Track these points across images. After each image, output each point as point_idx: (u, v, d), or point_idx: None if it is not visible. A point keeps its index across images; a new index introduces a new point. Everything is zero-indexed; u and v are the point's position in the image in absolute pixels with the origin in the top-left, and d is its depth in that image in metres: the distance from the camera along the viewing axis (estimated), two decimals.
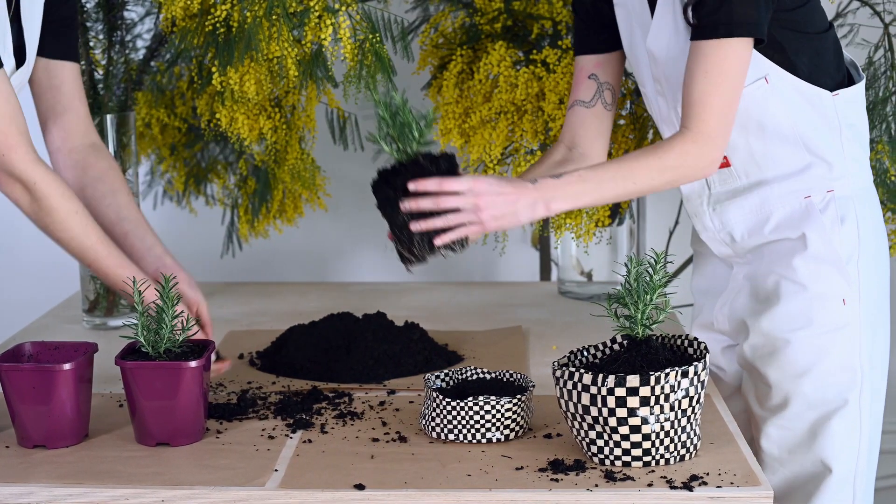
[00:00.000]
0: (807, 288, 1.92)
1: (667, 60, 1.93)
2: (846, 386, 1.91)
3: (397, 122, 1.72)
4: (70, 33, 2.05)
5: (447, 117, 2.42)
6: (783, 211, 1.95)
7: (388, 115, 1.72)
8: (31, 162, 1.85)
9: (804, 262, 1.92)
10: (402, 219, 1.75)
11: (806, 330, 1.91)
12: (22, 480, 1.62)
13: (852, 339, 1.91)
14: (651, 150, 1.84)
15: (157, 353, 1.74)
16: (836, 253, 1.91)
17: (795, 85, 1.89)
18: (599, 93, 2.06)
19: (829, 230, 1.92)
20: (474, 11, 2.47)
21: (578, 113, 2.08)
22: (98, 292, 2.36)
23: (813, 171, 1.93)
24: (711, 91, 1.81)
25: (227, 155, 2.74)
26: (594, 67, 2.07)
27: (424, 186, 1.74)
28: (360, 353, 2.05)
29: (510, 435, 1.74)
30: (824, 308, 1.91)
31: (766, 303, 1.95)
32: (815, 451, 1.92)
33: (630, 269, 1.67)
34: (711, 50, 1.80)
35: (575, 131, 2.08)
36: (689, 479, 1.59)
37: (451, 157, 1.76)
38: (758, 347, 1.96)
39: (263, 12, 2.17)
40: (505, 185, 1.79)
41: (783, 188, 1.95)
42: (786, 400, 1.93)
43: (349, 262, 3.00)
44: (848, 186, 1.94)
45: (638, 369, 1.63)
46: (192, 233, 2.95)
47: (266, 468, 1.65)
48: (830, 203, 1.93)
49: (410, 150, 1.75)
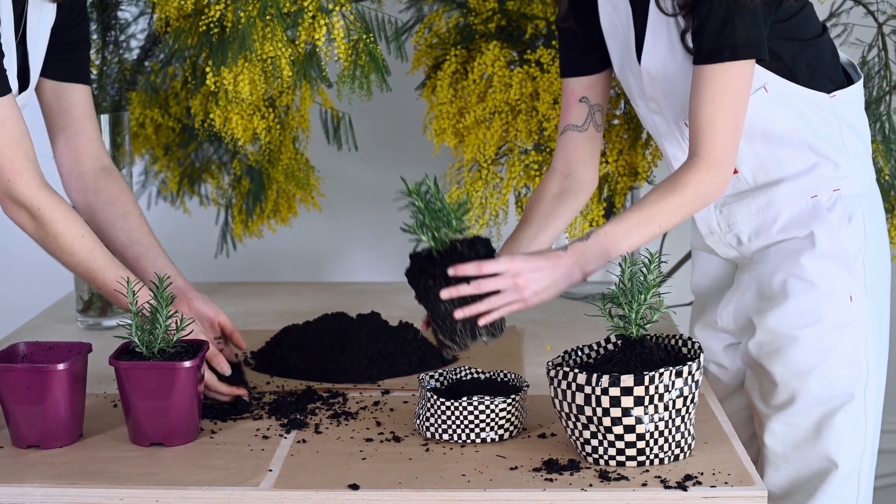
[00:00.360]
0: (815, 285, 1.93)
1: (664, 78, 1.93)
2: (852, 381, 1.93)
3: (432, 210, 1.73)
4: (80, 56, 2.05)
5: (441, 117, 2.42)
6: (790, 211, 1.96)
7: (423, 203, 1.73)
8: (36, 188, 1.85)
9: (812, 259, 1.93)
10: (443, 308, 1.75)
11: (814, 327, 1.92)
12: (16, 481, 1.61)
13: (859, 335, 1.93)
14: (668, 190, 1.83)
15: (151, 353, 1.74)
16: (843, 250, 1.92)
17: (794, 91, 1.90)
18: (591, 115, 2.05)
19: (838, 228, 1.93)
20: (468, 11, 2.47)
21: (572, 138, 2.07)
22: (92, 293, 2.36)
23: (819, 170, 1.94)
24: (718, 115, 1.81)
25: (221, 155, 2.74)
26: (585, 90, 2.06)
27: (464, 271, 1.74)
28: (354, 353, 2.05)
29: (504, 435, 1.74)
30: (832, 305, 1.92)
31: (773, 301, 1.96)
32: (820, 446, 1.93)
33: (624, 268, 1.67)
34: (717, 74, 1.80)
35: (570, 157, 2.06)
36: (683, 478, 1.59)
37: (486, 241, 1.78)
38: (764, 345, 1.97)
39: (257, 12, 2.17)
40: (540, 260, 1.79)
41: (790, 188, 1.95)
42: (792, 397, 1.94)
43: (343, 262, 3.00)
44: (854, 184, 1.95)
45: (632, 369, 1.63)
46: (186, 233, 2.95)
47: (260, 468, 1.65)
48: (837, 202, 1.94)
49: (446, 237, 1.75)
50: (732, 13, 1.78)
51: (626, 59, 1.98)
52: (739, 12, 1.78)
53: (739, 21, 1.78)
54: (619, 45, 1.99)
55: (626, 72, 1.99)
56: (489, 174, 2.40)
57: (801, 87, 1.90)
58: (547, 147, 2.37)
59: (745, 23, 1.79)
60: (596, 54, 2.04)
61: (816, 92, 1.91)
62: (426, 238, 1.74)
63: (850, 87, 1.96)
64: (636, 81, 1.98)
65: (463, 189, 2.41)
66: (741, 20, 1.78)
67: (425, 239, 1.74)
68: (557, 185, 2.07)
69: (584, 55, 2.05)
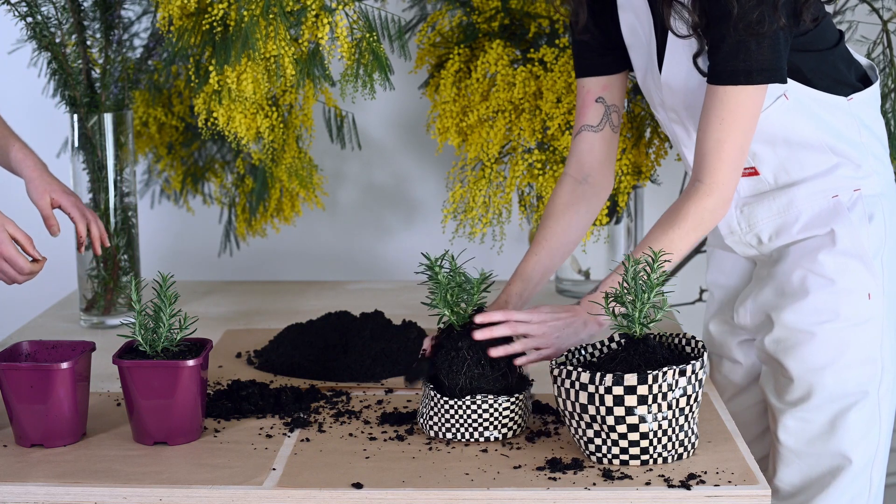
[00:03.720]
0: (834, 282, 1.93)
1: (685, 91, 1.91)
2: (867, 378, 1.93)
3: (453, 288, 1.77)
4: None
5: (444, 116, 2.42)
6: (811, 211, 1.96)
7: (445, 281, 1.76)
8: None
9: (831, 257, 1.93)
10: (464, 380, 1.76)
11: (831, 323, 1.92)
12: (20, 479, 1.62)
13: (875, 332, 1.93)
14: (670, 222, 1.83)
15: (154, 351, 1.74)
16: (863, 248, 1.93)
17: (813, 96, 1.89)
18: (607, 115, 2.02)
19: (858, 227, 1.93)
20: (472, 10, 2.47)
21: (587, 139, 2.02)
22: (96, 291, 2.36)
23: (840, 171, 1.94)
24: (725, 139, 1.80)
25: (225, 154, 2.74)
26: (601, 90, 2.01)
27: (492, 317, 1.80)
28: (357, 352, 2.05)
29: (508, 434, 1.74)
30: (850, 302, 1.93)
31: (791, 297, 1.96)
32: (833, 442, 1.93)
33: (628, 267, 1.67)
34: (729, 96, 1.79)
35: (584, 159, 2.03)
36: (686, 477, 1.59)
37: None
38: (781, 340, 1.97)
39: (260, 11, 2.17)
40: (559, 311, 1.84)
41: (811, 188, 1.95)
42: (808, 392, 1.94)
43: (346, 260, 3.00)
44: (874, 184, 1.96)
45: (636, 368, 1.63)
46: (190, 232, 2.95)
47: (264, 467, 1.65)
48: (858, 201, 1.94)
49: (464, 312, 1.79)
50: (747, 38, 1.76)
51: (649, 67, 1.96)
52: (756, 38, 1.76)
53: (756, 46, 1.76)
54: (642, 54, 1.96)
55: (648, 80, 1.98)
56: (492, 173, 2.40)
57: (820, 91, 1.89)
58: (550, 146, 2.37)
59: (762, 48, 1.76)
60: (612, 56, 2.01)
61: (835, 96, 1.91)
62: (449, 314, 1.77)
63: (868, 90, 1.95)
64: (656, 90, 1.97)
65: (466, 187, 2.41)
66: (757, 45, 1.76)
67: (448, 315, 1.77)
68: (569, 191, 2.03)
69: (601, 57, 2.01)
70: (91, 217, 2.13)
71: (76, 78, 2.31)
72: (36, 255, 1.96)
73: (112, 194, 2.33)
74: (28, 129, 2.35)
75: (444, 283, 1.76)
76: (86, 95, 2.32)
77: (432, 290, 1.77)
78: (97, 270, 2.35)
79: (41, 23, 2.27)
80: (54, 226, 2.08)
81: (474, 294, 1.78)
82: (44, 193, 2.08)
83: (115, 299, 2.37)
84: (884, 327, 1.94)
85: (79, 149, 2.33)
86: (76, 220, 2.11)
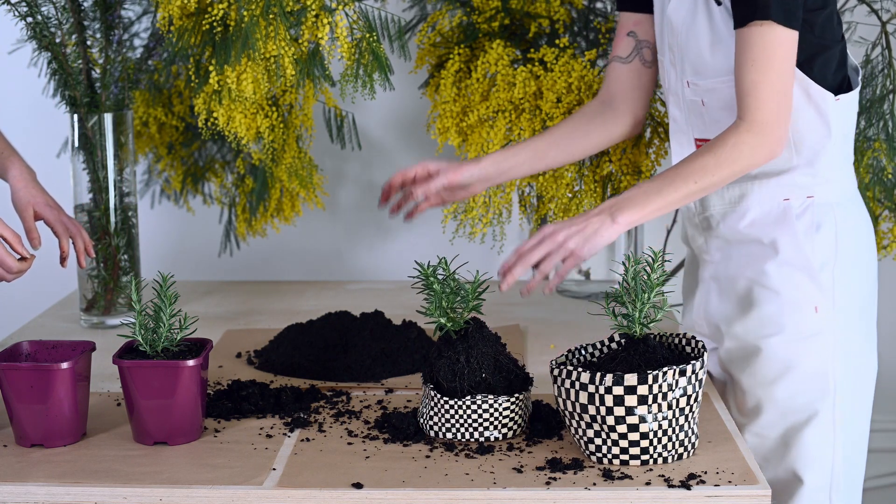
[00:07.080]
0: (779, 294, 1.92)
1: (682, 30, 1.95)
2: (817, 395, 1.91)
3: (448, 292, 1.77)
4: None
5: (445, 116, 2.42)
6: (760, 209, 1.95)
7: (441, 288, 1.76)
8: None
9: (777, 267, 1.92)
10: (463, 386, 1.76)
11: (777, 336, 1.91)
12: (20, 479, 1.62)
13: (825, 347, 1.91)
14: (707, 148, 1.85)
15: (154, 351, 1.74)
16: (807, 260, 1.91)
17: (803, 83, 1.89)
18: (638, 49, 2.09)
19: (802, 237, 1.92)
20: (472, 10, 2.47)
21: (615, 69, 2.13)
22: (96, 291, 2.36)
23: (796, 173, 1.93)
24: (760, 80, 1.82)
25: (225, 154, 2.74)
26: (633, 25, 2.11)
27: (507, 265, 1.84)
28: (357, 352, 2.05)
29: (508, 433, 1.74)
30: (796, 315, 1.91)
31: (739, 307, 1.95)
32: (787, 460, 1.92)
33: (628, 267, 1.67)
34: (754, 38, 1.81)
35: (611, 86, 2.13)
36: (686, 477, 1.59)
37: None
38: (732, 352, 1.96)
39: (260, 11, 2.17)
40: (572, 217, 1.87)
41: (764, 186, 1.94)
42: (758, 406, 1.93)
43: (347, 260, 3.00)
44: (829, 193, 1.94)
45: (636, 368, 1.63)
46: (190, 232, 2.95)
47: (264, 467, 1.65)
48: (808, 209, 1.93)
49: (461, 317, 1.78)
50: None
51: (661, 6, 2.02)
52: None
53: None
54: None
55: (661, 16, 2.02)
56: None
57: (811, 81, 1.89)
58: None
59: None
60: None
61: (824, 90, 1.90)
62: (445, 321, 1.77)
63: (851, 93, 1.95)
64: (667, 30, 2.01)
65: None
66: None
67: (445, 322, 1.77)
68: (592, 109, 2.13)
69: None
70: (75, 230, 2.09)
71: (76, 78, 2.31)
72: (24, 252, 1.94)
73: (112, 194, 2.33)
74: (28, 129, 2.35)
75: (439, 292, 1.76)
76: (86, 95, 2.32)
77: (427, 298, 1.77)
78: (97, 270, 2.35)
79: (41, 23, 2.27)
80: (35, 239, 2.05)
81: (469, 300, 1.77)
82: (27, 206, 2.07)
83: (115, 299, 2.37)
84: (835, 342, 1.91)
85: (79, 149, 2.33)
86: (59, 234, 2.08)
